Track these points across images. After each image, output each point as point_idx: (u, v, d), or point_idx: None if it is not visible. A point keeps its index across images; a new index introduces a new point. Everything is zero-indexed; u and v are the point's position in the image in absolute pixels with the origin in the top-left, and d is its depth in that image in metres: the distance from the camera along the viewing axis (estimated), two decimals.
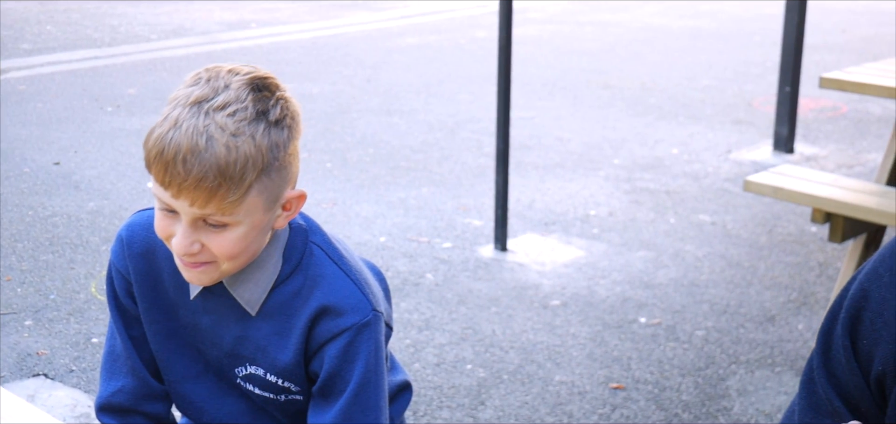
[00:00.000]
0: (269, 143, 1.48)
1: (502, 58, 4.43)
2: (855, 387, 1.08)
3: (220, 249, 1.51)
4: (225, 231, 1.50)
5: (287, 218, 1.59)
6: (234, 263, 1.55)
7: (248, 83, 1.49)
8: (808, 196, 3.82)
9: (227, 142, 1.44)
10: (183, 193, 1.45)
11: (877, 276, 1.07)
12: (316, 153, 6.23)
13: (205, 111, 1.45)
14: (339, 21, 11.25)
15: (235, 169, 1.44)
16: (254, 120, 1.47)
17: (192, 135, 1.44)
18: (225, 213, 1.48)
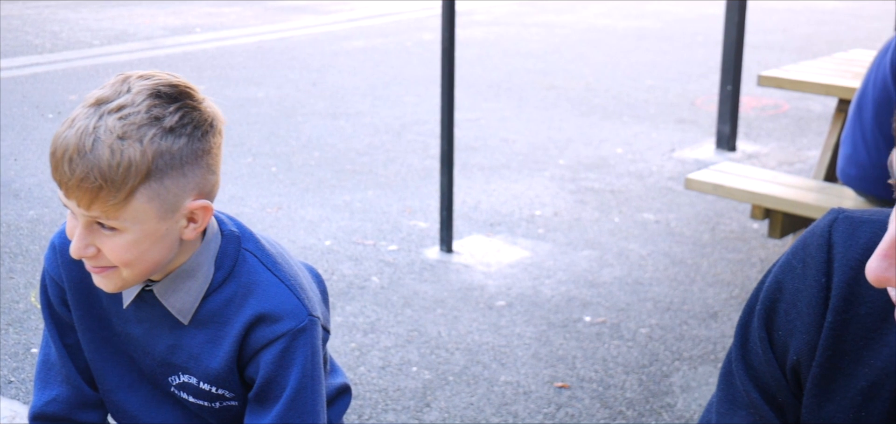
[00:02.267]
0: (158, 150, 1.46)
1: (445, 60, 4.44)
2: (772, 378, 1.10)
3: (112, 254, 1.50)
4: (115, 235, 1.50)
5: (195, 230, 1.56)
6: (133, 271, 1.53)
7: (151, 88, 1.48)
8: (748, 193, 3.87)
9: (112, 144, 1.44)
10: (71, 193, 1.46)
11: (790, 268, 1.09)
12: (261, 157, 6.20)
13: (100, 113, 1.46)
14: (285, 25, 11.20)
15: (117, 172, 1.44)
16: (144, 125, 1.45)
17: (81, 136, 1.44)
18: (109, 217, 1.47)
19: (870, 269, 0.86)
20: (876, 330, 1.00)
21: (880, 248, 0.86)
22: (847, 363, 1.04)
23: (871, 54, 5.21)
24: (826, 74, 4.66)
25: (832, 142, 4.41)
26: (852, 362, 1.03)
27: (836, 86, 4.45)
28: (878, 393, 1.02)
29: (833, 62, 5.04)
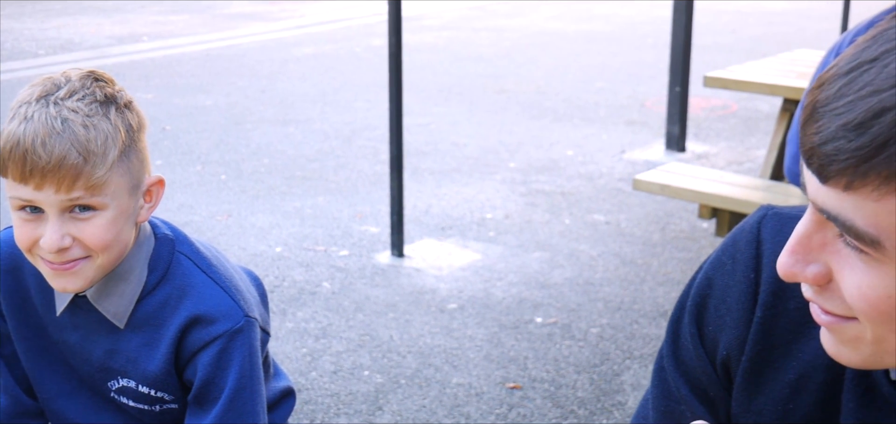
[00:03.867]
0: (124, 123, 1.49)
1: (393, 64, 4.43)
2: (703, 373, 1.11)
3: (92, 237, 1.48)
4: (94, 216, 1.48)
5: (150, 210, 1.58)
6: (108, 256, 1.52)
7: (87, 75, 1.51)
8: (695, 192, 3.90)
9: (83, 122, 1.44)
10: (47, 180, 1.42)
11: (720, 265, 1.11)
12: (210, 165, 6.15)
13: (53, 101, 1.45)
14: (234, 32, 11.14)
15: (97, 144, 1.44)
16: (104, 102, 1.48)
17: (46, 121, 1.43)
18: (94, 193, 1.45)
19: (779, 265, 0.87)
20: (803, 325, 1.02)
21: (789, 244, 0.87)
22: (776, 357, 1.05)
23: (816, 54, 5.28)
24: (771, 74, 4.71)
25: (778, 141, 4.46)
26: (781, 356, 1.05)
27: (781, 86, 4.50)
28: (805, 386, 1.03)
29: (778, 62, 5.10)
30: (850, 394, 0.99)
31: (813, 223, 0.86)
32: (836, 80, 0.79)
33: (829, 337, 0.90)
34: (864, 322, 0.85)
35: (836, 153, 0.78)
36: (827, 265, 0.86)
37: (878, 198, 0.77)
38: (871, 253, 0.80)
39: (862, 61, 0.78)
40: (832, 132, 0.78)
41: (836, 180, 0.79)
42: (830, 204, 0.81)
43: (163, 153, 6.39)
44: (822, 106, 0.80)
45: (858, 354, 0.88)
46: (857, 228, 0.79)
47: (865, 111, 0.76)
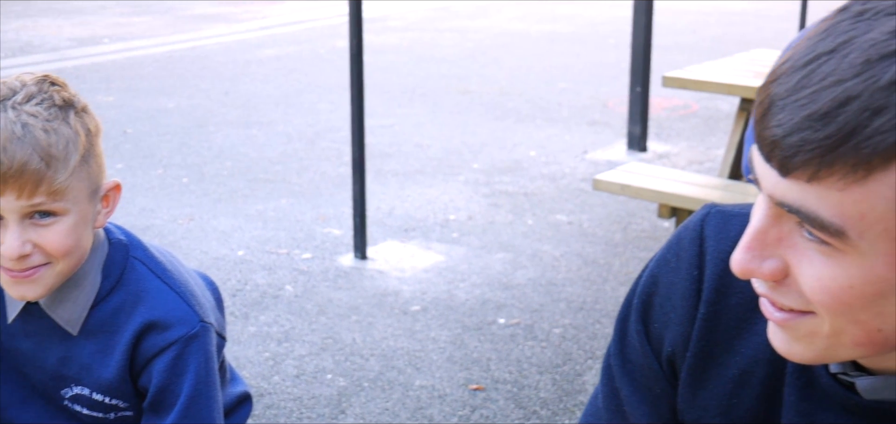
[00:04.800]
0: (84, 129, 1.49)
1: (354, 66, 4.43)
2: (649, 370, 1.12)
3: (53, 243, 1.47)
4: (56, 222, 1.47)
5: (107, 215, 1.58)
6: (68, 262, 1.51)
7: (43, 79, 1.50)
8: (654, 192, 3.93)
9: (43, 126, 1.43)
10: (8, 185, 1.41)
11: (665, 263, 1.12)
12: (172, 168, 6.12)
13: (11, 106, 1.44)
14: (196, 34, 11.08)
15: (59, 149, 1.43)
16: (63, 107, 1.48)
17: (6, 126, 1.42)
18: (56, 199, 1.44)
19: (734, 262, 0.88)
20: (746, 320, 1.03)
21: (743, 241, 0.88)
22: (719, 352, 1.07)
23: (774, 53, 5.34)
24: (728, 74, 4.76)
25: (736, 140, 4.50)
26: (724, 351, 1.06)
27: (738, 85, 4.54)
28: (748, 381, 1.05)
29: (736, 62, 5.15)
30: (792, 388, 1.01)
31: (768, 218, 0.86)
32: (794, 73, 0.80)
33: (781, 334, 0.91)
34: (823, 314, 0.86)
35: (801, 144, 0.78)
36: (784, 260, 0.87)
37: (843, 187, 0.78)
38: (835, 245, 0.81)
39: (820, 53, 0.79)
40: (796, 123, 0.79)
41: (801, 172, 0.79)
42: (792, 196, 0.82)
43: (124, 156, 6.35)
44: (781, 99, 0.80)
45: (812, 349, 0.89)
46: (822, 219, 0.80)
47: (831, 100, 0.77)
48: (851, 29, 0.79)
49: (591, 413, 1.20)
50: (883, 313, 0.83)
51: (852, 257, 0.81)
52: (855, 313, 0.84)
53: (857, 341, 0.86)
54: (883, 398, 0.92)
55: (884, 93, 0.75)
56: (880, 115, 0.75)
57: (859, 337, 0.85)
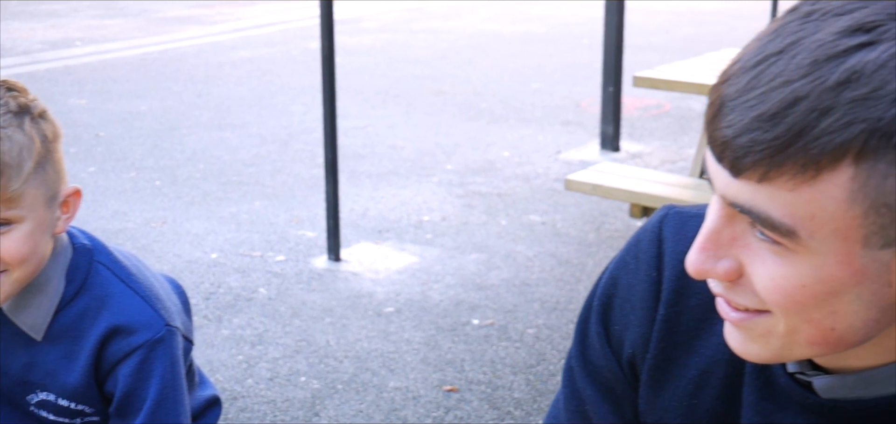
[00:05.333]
0: (40, 135, 1.48)
1: (326, 67, 4.43)
2: (610, 372, 1.13)
3: (8, 251, 1.47)
4: (10, 230, 1.47)
5: (67, 221, 1.57)
6: (25, 269, 1.50)
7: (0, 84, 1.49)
8: (626, 192, 3.95)
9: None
10: None
11: (624, 264, 1.13)
12: (145, 171, 6.10)
13: None
14: (169, 36, 11.04)
15: (12, 156, 1.43)
16: (18, 113, 1.47)
17: None
18: (10, 206, 1.44)
19: (689, 263, 0.89)
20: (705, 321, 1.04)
21: (697, 241, 0.88)
22: (679, 353, 1.07)
23: None
24: (698, 74, 4.78)
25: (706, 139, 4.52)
26: (684, 352, 1.07)
27: (709, 85, 4.55)
28: (708, 381, 1.05)
29: (706, 62, 5.18)
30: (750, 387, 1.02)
31: (722, 218, 0.87)
32: (744, 74, 0.81)
33: (737, 334, 0.92)
34: (777, 314, 0.86)
35: (751, 144, 0.79)
36: (738, 260, 0.87)
37: (793, 187, 0.79)
38: (786, 244, 0.82)
39: (768, 54, 0.80)
40: (746, 124, 0.79)
41: (751, 172, 0.80)
42: (743, 197, 0.82)
43: (96, 160, 6.32)
44: (731, 100, 0.81)
45: (768, 348, 0.90)
46: (773, 220, 0.81)
47: (779, 101, 0.78)
48: (800, 30, 0.80)
49: (553, 416, 1.21)
50: (836, 312, 0.84)
51: (804, 256, 0.82)
52: (808, 312, 0.84)
53: (811, 340, 0.87)
54: (839, 396, 0.93)
55: (831, 94, 0.76)
56: (828, 116, 0.76)
57: (813, 336, 0.86)
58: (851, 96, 0.76)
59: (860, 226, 0.80)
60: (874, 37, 0.77)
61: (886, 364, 0.90)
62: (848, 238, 0.80)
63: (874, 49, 0.77)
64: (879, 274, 0.82)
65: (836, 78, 0.76)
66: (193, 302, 4.27)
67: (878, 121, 0.76)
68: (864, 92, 0.76)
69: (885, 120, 0.75)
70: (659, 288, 1.08)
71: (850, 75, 0.76)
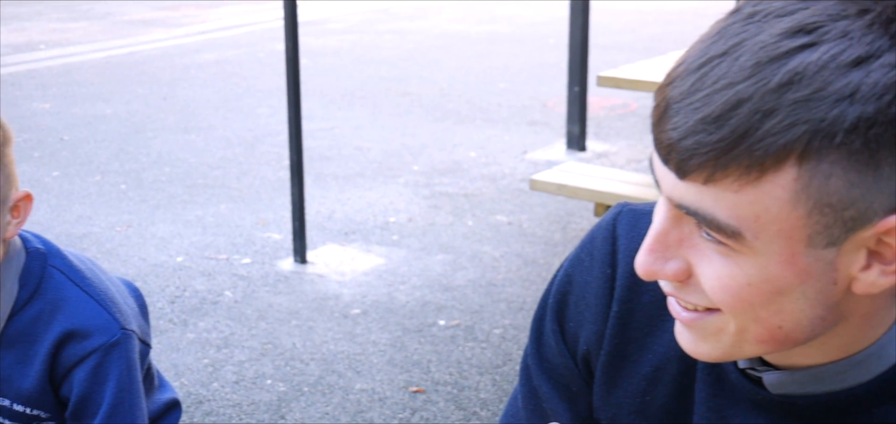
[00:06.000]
0: None
1: (290, 69, 4.42)
2: (565, 369, 1.14)
3: None
4: None
5: (18, 225, 1.56)
6: None
7: None
8: (590, 191, 3.97)
9: None
10: None
11: (579, 262, 1.14)
12: (109, 175, 6.06)
13: None
14: (134, 39, 10.97)
15: None
16: None
17: None
18: None
19: (637, 264, 0.89)
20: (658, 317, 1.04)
21: (646, 243, 0.89)
22: (633, 350, 1.08)
23: None
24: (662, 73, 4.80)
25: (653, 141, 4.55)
26: (637, 349, 1.08)
27: None
28: (660, 378, 1.06)
29: (670, 61, 5.21)
30: (702, 384, 1.02)
31: (669, 220, 0.88)
32: (688, 76, 0.81)
33: (687, 333, 0.92)
34: (726, 313, 0.87)
35: (696, 147, 0.79)
36: (686, 260, 0.88)
37: (738, 188, 0.79)
38: (731, 245, 0.83)
39: (712, 56, 0.81)
40: (691, 126, 0.80)
41: (697, 174, 0.81)
42: (689, 199, 0.83)
43: (60, 164, 6.27)
44: (676, 102, 0.81)
45: (719, 347, 0.91)
46: (718, 221, 0.82)
47: (723, 103, 0.78)
48: (742, 31, 0.80)
49: (511, 414, 1.21)
50: (782, 311, 0.85)
51: (749, 257, 0.83)
52: (755, 311, 0.85)
53: (759, 338, 0.88)
54: (789, 392, 0.94)
55: (774, 95, 0.77)
56: (771, 117, 0.77)
57: (761, 334, 0.87)
58: (794, 98, 0.77)
59: (804, 226, 0.81)
60: (815, 38, 0.78)
61: (836, 360, 0.91)
62: (792, 238, 0.81)
63: (815, 50, 0.77)
64: (824, 273, 0.83)
65: (779, 79, 0.77)
66: (159, 306, 4.25)
67: (820, 122, 0.76)
68: (806, 93, 0.76)
69: (826, 121, 0.76)
70: (613, 284, 1.09)
71: (792, 77, 0.77)
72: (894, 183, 0.79)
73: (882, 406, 0.91)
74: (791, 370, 0.94)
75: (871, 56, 0.77)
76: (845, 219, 0.80)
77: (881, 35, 0.78)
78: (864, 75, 0.76)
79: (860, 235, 0.81)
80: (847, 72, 0.77)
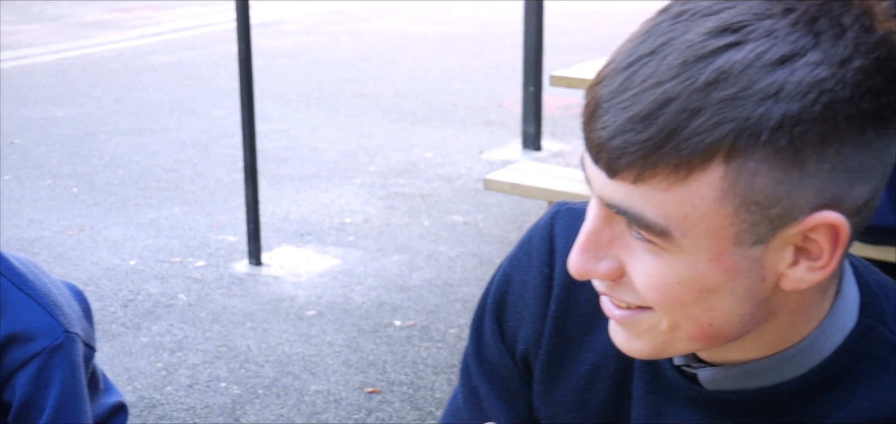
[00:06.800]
0: None
1: (243, 70, 4.40)
2: (505, 368, 1.14)
3: None
4: None
5: None
6: None
7: None
8: (543, 190, 3.98)
9: None
10: None
11: (517, 261, 1.14)
12: (61, 178, 5.99)
13: None
14: (87, 41, 10.86)
15: None
16: None
17: None
18: None
19: (570, 264, 0.89)
20: (595, 316, 1.05)
21: (578, 242, 0.89)
22: (571, 349, 1.08)
23: None
24: None
25: None
26: (576, 348, 1.08)
27: None
28: (599, 376, 1.06)
29: None
30: (639, 381, 1.03)
31: (600, 219, 0.88)
32: (617, 75, 0.81)
33: (621, 331, 0.93)
34: (658, 310, 0.88)
35: (625, 146, 0.80)
36: (618, 259, 0.88)
37: (666, 187, 0.80)
38: (660, 244, 0.83)
39: (640, 55, 0.81)
40: (620, 126, 0.80)
41: (626, 173, 0.81)
42: (619, 198, 0.83)
43: (11, 167, 6.20)
44: (605, 101, 0.81)
45: (652, 344, 0.91)
46: (647, 220, 0.82)
47: (651, 102, 0.78)
48: (670, 30, 0.81)
49: (451, 414, 1.21)
50: (712, 308, 0.86)
51: (677, 255, 0.83)
52: (686, 308, 0.86)
53: (691, 335, 0.88)
54: (723, 388, 0.95)
55: (701, 94, 0.77)
56: (698, 116, 0.77)
57: (693, 332, 0.88)
58: (720, 96, 0.77)
59: (731, 224, 0.81)
60: (741, 37, 0.78)
61: (768, 356, 0.92)
62: (720, 236, 0.82)
63: (741, 49, 0.78)
64: (752, 270, 0.84)
65: (705, 78, 0.77)
66: (111, 310, 4.21)
67: (745, 121, 0.77)
68: (732, 92, 0.77)
69: (752, 119, 0.77)
70: (550, 284, 1.09)
71: (718, 75, 0.77)
72: (820, 180, 0.80)
73: (815, 400, 0.92)
74: (725, 366, 0.94)
75: (795, 54, 0.78)
76: (772, 217, 0.81)
77: (805, 33, 0.78)
78: (789, 74, 0.77)
79: (787, 232, 0.82)
80: (772, 71, 0.77)
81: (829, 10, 0.80)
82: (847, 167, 0.80)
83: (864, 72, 0.78)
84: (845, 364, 0.92)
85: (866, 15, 0.80)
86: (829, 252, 0.83)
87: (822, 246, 0.83)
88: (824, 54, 0.78)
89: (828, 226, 0.82)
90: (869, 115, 0.79)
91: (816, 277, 0.85)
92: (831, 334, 0.92)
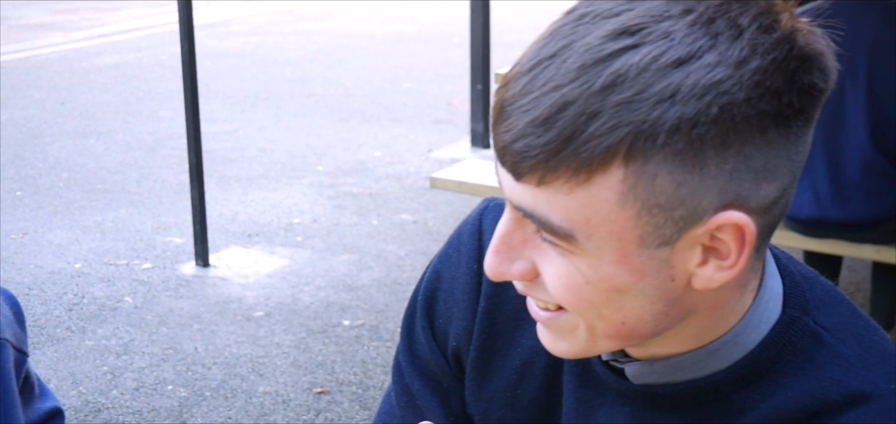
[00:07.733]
0: None
1: (187, 71, 4.37)
2: (436, 365, 1.14)
3: None
4: None
5: None
6: None
7: None
8: (488, 188, 3.99)
9: None
10: None
11: (446, 258, 1.14)
12: (4, 182, 5.91)
13: None
14: (30, 43, 10.73)
15: None
16: None
17: None
18: None
19: (486, 266, 0.89)
20: (525, 312, 1.04)
21: (492, 244, 0.89)
22: (502, 344, 1.08)
23: None
24: None
25: None
26: (506, 343, 1.08)
27: None
28: (530, 371, 1.07)
29: None
30: (569, 376, 1.03)
31: (512, 221, 0.88)
32: (520, 78, 0.81)
33: (546, 332, 0.93)
34: (571, 311, 0.88)
35: (526, 150, 0.79)
36: (531, 260, 0.88)
37: (568, 191, 0.80)
38: (566, 247, 0.83)
39: (542, 58, 0.81)
40: (521, 129, 0.79)
41: (530, 177, 0.81)
42: (525, 201, 0.83)
43: None
44: (509, 104, 0.81)
45: (576, 344, 0.91)
46: (552, 223, 0.82)
47: (550, 106, 0.78)
48: (572, 33, 0.81)
49: (385, 412, 1.21)
50: (623, 308, 0.86)
51: (584, 257, 0.83)
52: (598, 309, 0.86)
53: (607, 334, 0.89)
54: (650, 382, 0.96)
55: (598, 98, 0.77)
56: (595, 120, 0.77)
57: (608, 331, 0.88)
58: (616, 100, 0.77)
59: (634, 227, 0.81)
60: (638, 40, 0.78)
61: (692, 350, 0.93)
62: (623, 239, 0.82)
63: (638, 52, 0.78)
64: (660, 271, 0.84)
65: (602, 82, 0.77)
66: (56, 314, 4.16)
67: (642, 124, 0.77)
68: (628, 95, 0.77)
69: (648, 122, 0.77)
70: (479, 280, 1.09)
71: (615, 79, 0.77)
72: (722, 181, 0.80)
73: (741, 392, 0.93)
74: (651, 360, 0.95)
75: (692, 56, 0.77)
76: (676, 219, 0.81)
77: (703, 35, 0.78)
78: (685, 76, 0.77)
79: (693, 233, 0.82)
80: (668, 74, 0.77)
81: (727, 11, 0.79)
82: (751, 167, 0.80)
83: (763, 72, 0.78)
84: (770, 355, 0.92)
85: (765, 15, 0.80)
86: (736, 251, 0.84)
87: (730, 245, 0.83)
88: (721, 56, 0.78)
89: (733, 226, 0.82)
90: (769, 116, 0.79)
91: (726, 276, 0.85)
92: (755, 326, 0.93)
